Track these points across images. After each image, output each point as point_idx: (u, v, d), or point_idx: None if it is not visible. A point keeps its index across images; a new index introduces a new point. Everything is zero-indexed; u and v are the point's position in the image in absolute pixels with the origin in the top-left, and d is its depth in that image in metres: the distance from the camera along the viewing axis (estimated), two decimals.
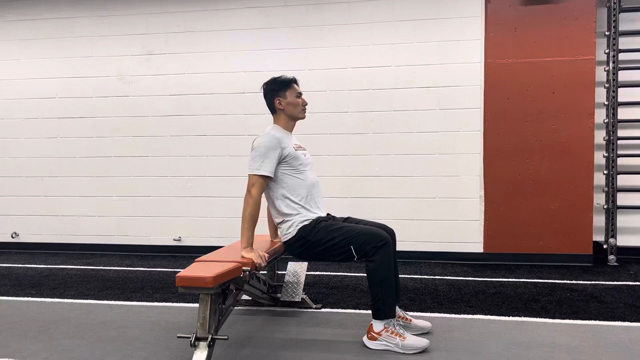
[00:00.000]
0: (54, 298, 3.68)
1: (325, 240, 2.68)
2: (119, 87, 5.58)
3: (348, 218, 2.96)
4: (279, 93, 2.87)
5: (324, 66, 5.22)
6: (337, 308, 3.37)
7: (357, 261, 2.68)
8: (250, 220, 2.63)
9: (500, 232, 4.96)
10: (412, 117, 5.09)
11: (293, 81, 2.90)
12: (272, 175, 2.70)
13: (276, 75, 2.96)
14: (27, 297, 3.71)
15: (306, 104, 2.94)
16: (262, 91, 2.94)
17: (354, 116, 5.18)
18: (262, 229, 3.05)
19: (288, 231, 2.78)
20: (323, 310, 3.33)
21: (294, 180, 2.78)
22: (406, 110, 5.09)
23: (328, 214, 2.95)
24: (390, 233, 2.85)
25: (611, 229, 4.90)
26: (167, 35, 5.49)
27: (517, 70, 4.90)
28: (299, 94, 2.90)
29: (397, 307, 2.84)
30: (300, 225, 2.74)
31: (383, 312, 2.59)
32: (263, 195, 2.73)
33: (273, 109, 2.92)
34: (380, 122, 5.14)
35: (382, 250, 2.58)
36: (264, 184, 2.69)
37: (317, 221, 2.75)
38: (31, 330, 2.94)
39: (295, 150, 2.80)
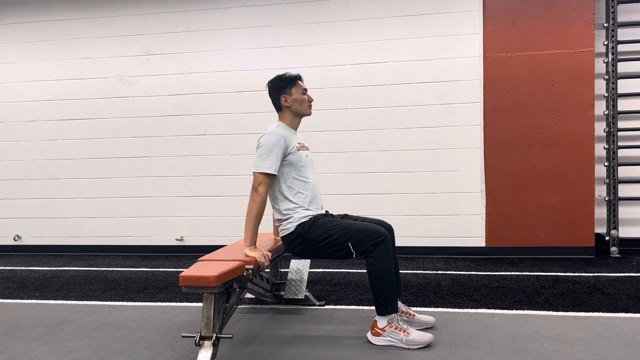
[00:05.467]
0: (58, 300, 3.68)
1: (323, 237, 2.67)
2: (118, 88, 5.58)
3: (345, 215, 2.95)
4: (285, 90, 2.84)
5: (322, 63, 5.21)
6: (341, 305, 3.37)
7: (356, 258, 2.68)
8: (257, 218, 2.63)
9: (501, 226, 4.96)
10: (412, 112, 5.08)
11: (298, 78, 2.88)
12: (276, 173, 2.70)
13: (278, 72, 2.94)
14: (31, 299, 3.72)
15: (312, 100, 2.92)
16: (267, 89, 2.90)
17: (354, 112, 5.18)
18: (265, 227, 3.06)
19: (286, 227, 2.76)
20: (326, 307, 3.33)
21: (296, 180, 2.77)
22: (406, 105, 5.09)
23: (326, 212, 2.94)
24: (389, 229, 2.85)
25: (613, 220, 4.89)
26: (165, 35, 5.48)
27: (516, 63, 4.89)
28: (305, 90, 2.88)
29: (400, 303, 2.84)
30: (299, 222, 2.73)
31: (386, 308, 2.59)
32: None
33: (279, 107, 2.89)
34: (380, 118, 5.14)
35: (381, 247, 2.58)
36: (270, 181, 2.68)
37: (316, 218, 2.74)
38: (36, 332, 2.95)
39: (298, 150, 2.79)
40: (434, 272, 4.34)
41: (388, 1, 5.10)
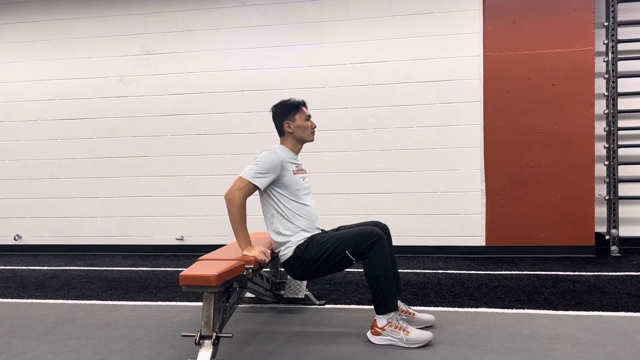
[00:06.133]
0: (58, 299, 3.68)
1: (320, 253, 2.67)
2: (118, 88, 5.58)
3: (339, 227, 2.96)
4: (288, 116, 2.85)
5: (322, 63, 5.21)
6: (341, 304, 3.37)
7: (357, 262, 2.68)
8: (242, 221, 2.65)
9: (502, 225, 4.96)
10: (412, 111, 5.08)
11: (302, 104, 2.88)
12: (262, 188, 2.70)
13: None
14: (32, 298, 3.72)
15: (315, 127, 2.92)
16: (271, 113, 2.92)
17: (354, 112, 5.18)
18: (260, 226, 3.05)
19: (285, 252, 2.77)
20: (326, 306, 3.33)
21: (293, 202, 2.78)
22: (406, 105, 5.09)
23: (322, 230, 2.94)
24: (384, 229, 2.85)
25: (613, 219, 4.89)
26: (165, 35, 5.48)
27: (516, 62, 4.89)
28: (308, 117, 2.89)
29: (400, 302, 2.84)
30: (296, 245, 2.74)
31: (385, 307, 2.59)
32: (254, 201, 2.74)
33: (281, 132, 2.90)
34: (380, 118, 5.13)
35: (377, 246, 2.58)
36: (250, 192, 2.68)
37: (311, 238, 2.75)
38: (36, 331, 2.95)
39: (295, 173, 2.80)
40: (434, 271, 4.34)
41: (388, 0, 5.10)
